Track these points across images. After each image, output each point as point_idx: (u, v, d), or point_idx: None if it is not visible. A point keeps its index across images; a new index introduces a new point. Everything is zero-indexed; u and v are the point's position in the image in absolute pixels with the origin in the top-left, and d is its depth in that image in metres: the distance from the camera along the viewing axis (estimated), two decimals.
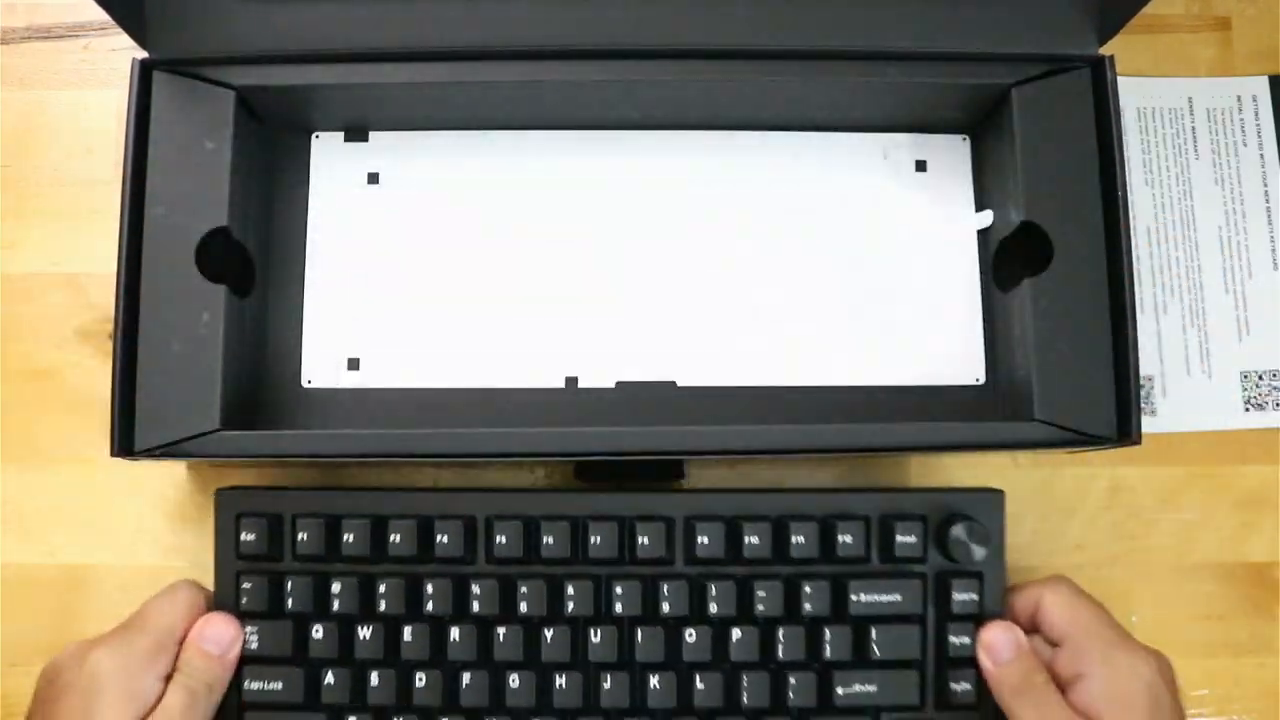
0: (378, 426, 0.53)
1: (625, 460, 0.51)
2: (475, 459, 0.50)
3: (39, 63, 0.58)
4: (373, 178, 0.55)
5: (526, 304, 0.55)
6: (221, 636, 0.48)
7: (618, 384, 0.54)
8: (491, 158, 0.56)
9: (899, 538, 0.48)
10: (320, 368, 0.54)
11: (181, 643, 0.47)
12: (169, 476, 0.54)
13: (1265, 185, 0.59)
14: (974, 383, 0.54)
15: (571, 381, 0.53)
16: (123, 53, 0.58)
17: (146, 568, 0.53)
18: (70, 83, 0.58)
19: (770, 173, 0.56)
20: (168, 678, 0.47)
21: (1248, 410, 0.57)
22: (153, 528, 0.54)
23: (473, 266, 0.55)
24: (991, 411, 0.54)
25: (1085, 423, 0.47)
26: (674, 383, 0.54)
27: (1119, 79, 0.50)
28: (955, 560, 0.47)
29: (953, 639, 0.47)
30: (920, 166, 0.56)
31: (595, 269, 0.55)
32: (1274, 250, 0.58)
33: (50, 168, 0.57)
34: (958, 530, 0.47)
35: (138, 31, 0.50)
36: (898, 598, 0.47)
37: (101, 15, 0.55)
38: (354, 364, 0.54)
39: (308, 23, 0.50)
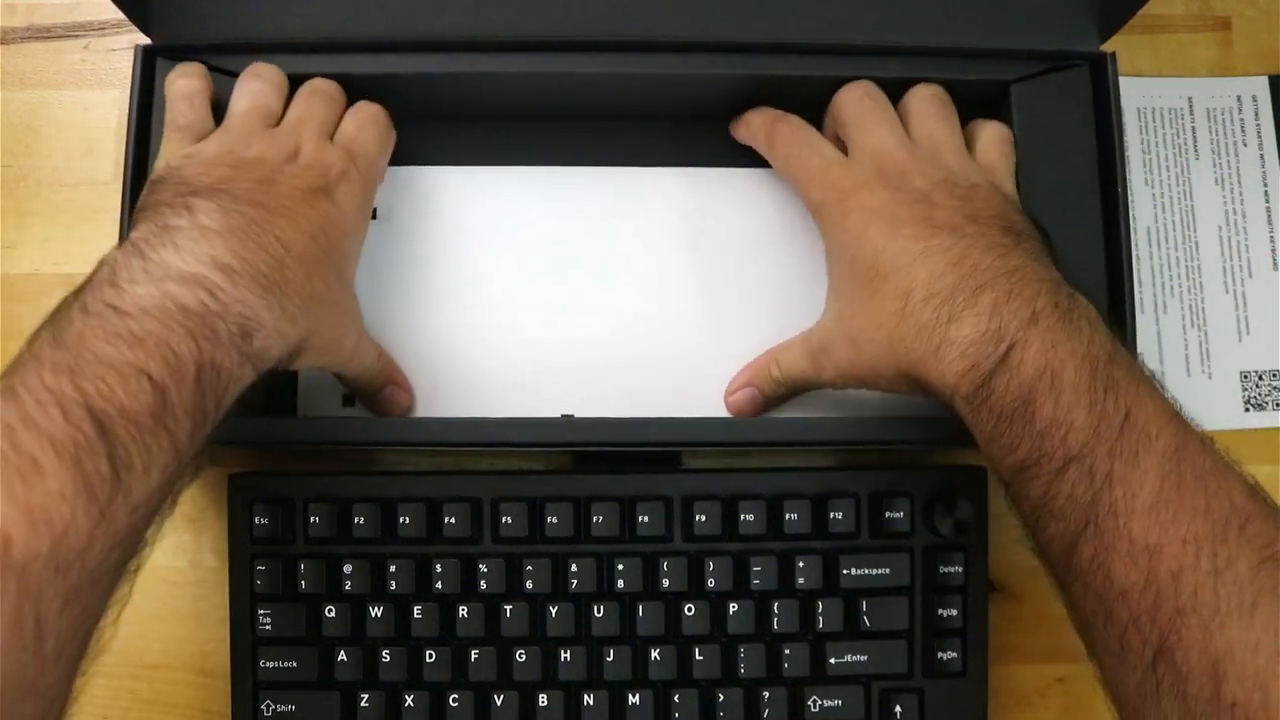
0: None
1: (624, 452, 0.63)
2: (471, 449, 0.62)
3: (39, 63, 0.70)
4: (373, 213, 0.64)
5: (523, 340, 0.65)
6: (399, 398, 0.63)
7: None
8: (489, 195, 0.66)
9: (888, 514, 0.61)
10: (315, 403, 0.64)
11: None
12: None
13: (1265, 185, 0.71)
14: None
15: (567, 418, 0.62)
16: (123, 52, 0.70)
17: (146, 568, 0.64)
18: (70, 83, 0.70)
19: (770, 196, 0.66)
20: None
21: (1248, 410, 0.69)
22: None
23: (468, 304, 0.65)
24: None
25: None
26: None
27: (1119, 79, 0.61)
28: (941, 535, 0.61)
29: (940, 610, 0.61)
30: None
31: (592, 306, 0.65)
32: (1274, 250, 0.71)
33: (50, 168, 0.69)
34: (943, 507, 0.61)
35: (141, 18, 0.59)
36: (887, 571, 0.61)
37: (101, 15, 0.69)
38: (349, 400, 0.64)
39: (314, 10, 0.60)
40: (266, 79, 0.60)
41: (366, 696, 0.61)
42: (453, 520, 0.62)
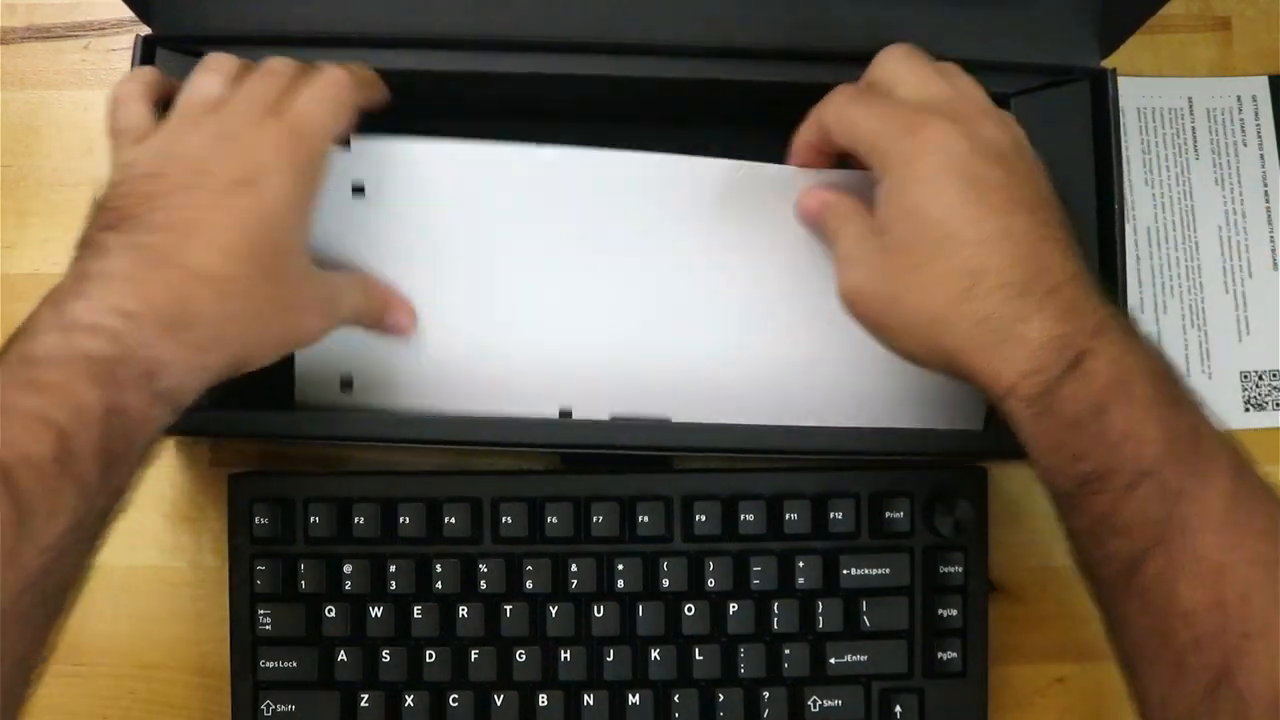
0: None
1: (617, 455, 0.62)
2: (468, 446, 0.61)
3: (39, 63, 0.70)
4: (357, 190, 0.61)
5: (519, 329, 0.63)
6: (400, 322, 0.61)
7: (612, 418, 0.63)
8: (485, 173, 0.62)
9: (888, 514, 0.61)
10: (312, 387, 0.62)
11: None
12: (168, 477, 0.66)
13: (1265, 185, 0.72)
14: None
15: (565, 414, 0.62)
16: (123, 52, 0.68)
17: (147, 568, 0.65)
18: (70, 83, 0.70)
19: (772, 202, 0.62)
20: None
21: (1248, 410, 0.70)
22: (153, 528, 0.66)
23: (459, 288, 0.62)
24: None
25: None
26: (668, 419, 0.62)
27: (1119, 79, 0.61)
28: (941, 535, 0.61)
29: (940, 610, 0.61)
30: None
31: (593, 298, 0.63)
32: (1274, 250, 0.71)
33: (50, 168, 0.69)
34: (943, 507, 0.61)
35: (143, 9, 0.59)
36: (887, 571, 0.61)
37: (101, 15, 0.69)
38: (347, 383, 0.62)
39: (317, 5, 0.60)
40: (215, 69, 0.57)
41: (366, 696, 0.61)
42: (453, 520, 0.62)
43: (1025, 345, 0.49)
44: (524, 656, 0.61)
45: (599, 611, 0.62)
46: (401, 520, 0.62)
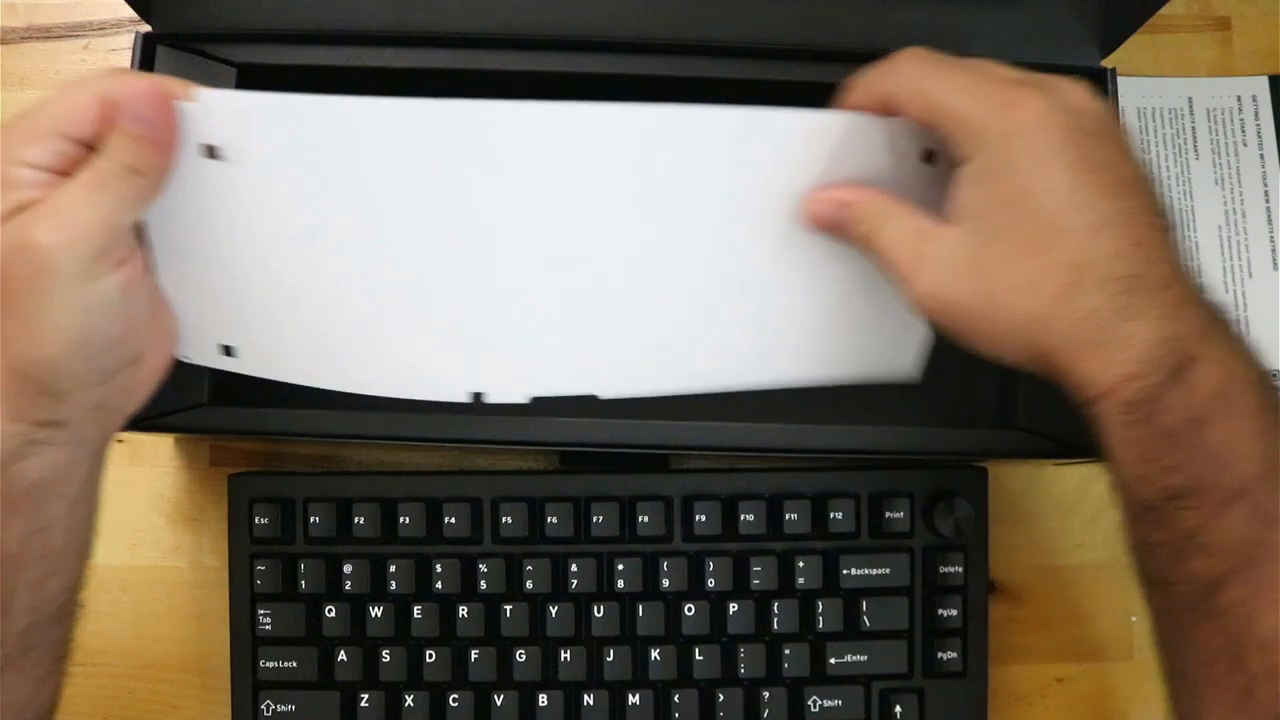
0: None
1: (613, 453, 0.62)
2: (471, 445, 0.61)
3: (39, 63, 0.70)
4: (210, 151, 0.49)
5: (420, 308, 0.54)
6: (145, 110, 0.46)
7: (532, 400, 0.56)
8: (377, 134, 0.51)
9: (888, 514, 0.61)
10: (194, 348, 0.56)
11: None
12: (168, 476, 0.66)
13: (1265, 185, 0.72)
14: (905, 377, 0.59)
15: (477, 397, 0.56)
16: (123, 52, 0.69)
17: (146, 568, 0.66)
18: None
19: (755, 154, 0.53)
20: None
21: None
22: (153, 528, 0.66)
23: (352, 257, 0.53)
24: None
25: (1074, 432, 0.52)
26: (594, 396, 0.57)
27: (1119, 79, 0.61)
28: (941, 535, 0.61)
29: (940, 610, 0.62)
30: (928, 157, 0.54)
31: (504, 266, 0.53)
32: (1274, 250, 0.71)
33: None
34: (943, 507, 0.61)
35: (143, 6, 0.59)
36: (887, 571, 0.62)
37: (101, 15, 0.69)
38: (228, 350, 0.56)
39: (318, 2, 0.60)
40: None
41: (366, 696, 0.61)
42: (453, 520, 0.62)
43: (1131, 347, 0.44)
44: (524, 656, 0.61)
45: (599, 611, 0.62)
46: (401, 520, 0.62)
